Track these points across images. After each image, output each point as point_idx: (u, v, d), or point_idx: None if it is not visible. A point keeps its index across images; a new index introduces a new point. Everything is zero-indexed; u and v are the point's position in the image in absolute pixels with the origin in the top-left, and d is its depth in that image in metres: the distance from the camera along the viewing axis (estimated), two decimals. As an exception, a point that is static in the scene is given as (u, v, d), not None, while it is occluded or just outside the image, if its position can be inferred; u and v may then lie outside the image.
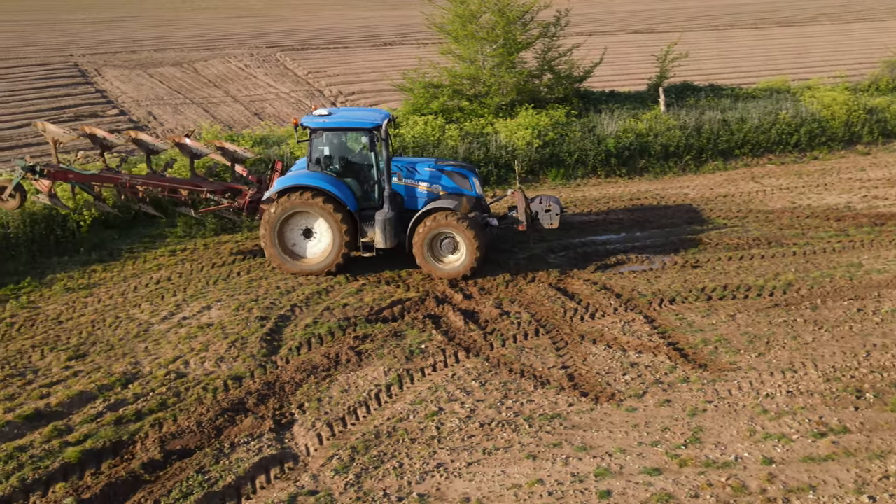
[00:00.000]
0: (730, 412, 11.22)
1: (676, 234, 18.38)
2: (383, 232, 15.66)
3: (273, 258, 15.78)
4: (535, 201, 16.75)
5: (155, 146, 17.44)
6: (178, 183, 17.26)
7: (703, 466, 10.05)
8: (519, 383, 12.09)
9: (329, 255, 15.73)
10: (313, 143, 15.84)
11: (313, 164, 15.93)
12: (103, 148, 17.40)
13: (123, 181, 17.02)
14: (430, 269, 15.76)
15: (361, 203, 16.06)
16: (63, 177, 16.86)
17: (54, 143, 17.14)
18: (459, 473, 10.01)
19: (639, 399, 11.62)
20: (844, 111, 25.55)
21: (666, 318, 14.24)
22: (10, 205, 16.85)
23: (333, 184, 15.62)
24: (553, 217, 16.62)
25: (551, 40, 25.31)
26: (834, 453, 10.27)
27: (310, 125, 15.75)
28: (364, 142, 16.16)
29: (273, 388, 11.96)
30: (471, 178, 16.46)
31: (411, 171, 16.36)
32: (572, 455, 10.31)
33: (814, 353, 12.88)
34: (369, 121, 15.98)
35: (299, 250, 16.05)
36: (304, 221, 15.87)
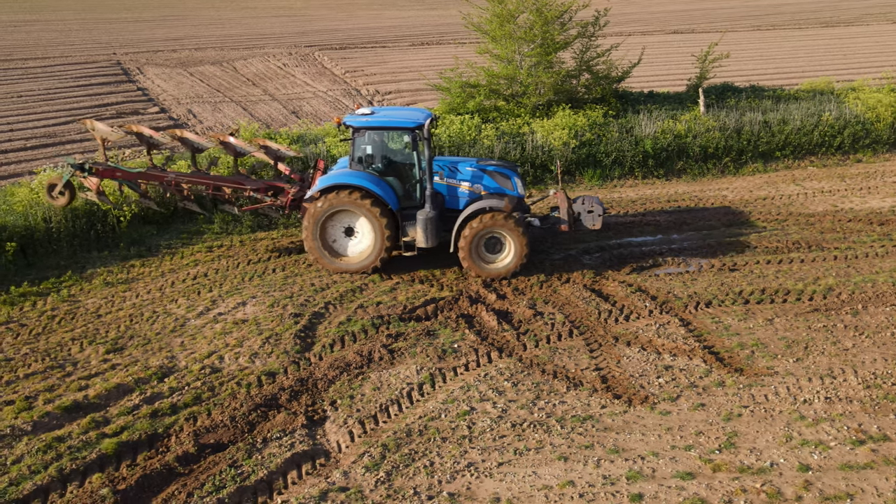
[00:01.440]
0: (766, 417, 11.06)
1: (714, 236, 18.16)
2: (425, 231, 15.64)
3: (314, 256, 15.84)
4: (577, 202, 16.68)
5: (200, 144, 17.55)
6: (222, 181, 17.38)
7: (738, 472, 9.91)
8: (551, 384, 12.02)
9: (370, 254, 15.78)
10: (356, 141, 15.86)
11: (356, 162, 15.93)
12: (149, 146, 17.55)
13: (169, 179, 17.20)
14: (476, 269, 15.72)
15: (403, 202, 16.07)
16: (111, 174, 17.07)
17: (102, 142, 17.31)
18: (490, 473, 9.97)
19: (673, 402, 11.50)
20: (890, 113, 25.07)
21: (701, 321, 14.08)
22: (59, 202, 17.10)
23: (376, 183, 15.65)
24: (595, 218, 16.54)
25: (589, 40, 25.10)
26: (873, 461, 10.07)
27: (353, 124, 15.79)
28: (406, 141, 16.15)
29: (306, 385, 12.02)
30: (513, 178, 16.41)
31: (453, 171, 16.33)
32: (604, 457, 10.23)
33: (854, 359, 12.65)
34: (412, 120, 15.98)
35: (341, 248, 16.09)
36: (346, 220, 15.90)
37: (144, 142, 17.49)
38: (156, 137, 17.33)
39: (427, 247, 15.81)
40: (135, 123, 18.83)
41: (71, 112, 32.97)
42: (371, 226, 15.64)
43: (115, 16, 77.35)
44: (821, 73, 35.50)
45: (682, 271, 16.37)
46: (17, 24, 68.11)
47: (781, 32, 60.09)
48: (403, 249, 15.97)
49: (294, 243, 17.78)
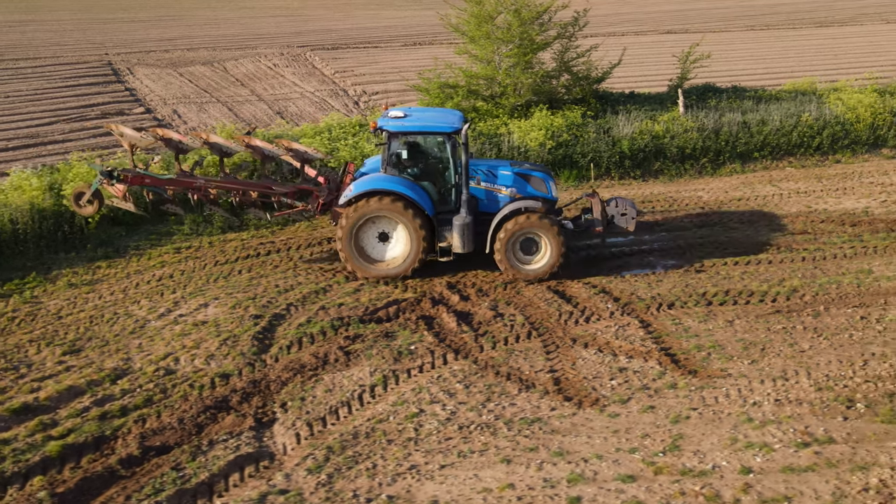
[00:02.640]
0: (714, 420, 11.05)
1: (685, 237, 18.14)
2: (462, 236, 15.56)
3: (349, 262, 15.69)
4: (610, 204, 16.66)
5: (228, 149, 17.36)
6: (251, 185, 17.27)
7: (679, 474, 9.90)
8: (504, 386, 12.01)
9: (405, 260, 15.72)
10: (390, 146, 15.71)
11: (390, 167, 15.86)
12: (178, 151, 17.33)
13: (198, 185, 17.00)
14: (513, 271, 15.70)
15: (438, 207, 15.98)
16: (140, 181, 16.85)
17: (131, 148, 17.12)
18: (432, 476, 9.97)
19: (623, 405, 11.49)
20: (870, 114, 24.99)
21: (662, 322, 14.06)
22: (87, 210, 17.00)
23: (412, 188, 15.60)
24: (629, 220, 16.54)
25: (569, 41, 25.08)
26: (815, 464, 10.05)
27: (389, 129, 15.61)
28: (442, 146, 16.06)
29: (259, 387, 12.02)
30: (547, 181, 16.39)
31: (487, 174, 16.22)
32: (547, 460, 10.22)
33: (809, 361, 12.63)
34: (449, 124, 15.89)
35: (375, 254, 15.96)
36: (380, 225, 15.75)
37: (172, 147, 17.21)
38: (185, 142, 17.13)
39: (463, 252, 15.72)
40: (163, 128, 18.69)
41: (56, 113, 32.99)
42: (407, 232, 15.52)
43: (110, 16, 77.38)
44: (810, 73, 35.36)
45: (649, 272, 16.36)
46: (12, 24, 68.20)
47: (775, 32, 59.98)
48: (439, 255, 15.84)
49: (264, 244, 17.78)
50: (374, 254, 15.94)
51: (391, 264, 15.87)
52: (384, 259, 15.96)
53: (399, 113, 16.14)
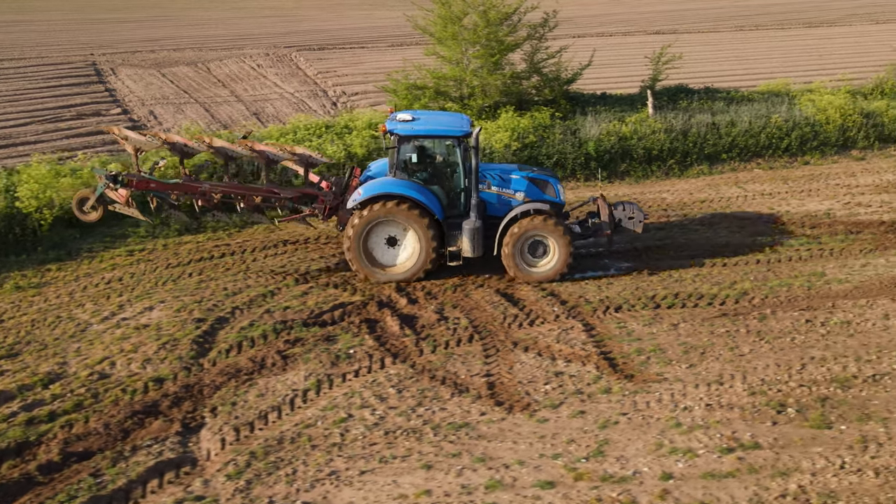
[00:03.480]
0: (642, 425, 10.99)
1: (642, 239, 18.06)
2: (471, 241, 15.51)
3: (357, 267, 15.62)
4: (618, 208, 16.64)
5: (233, 152, 17.22)
6: (255, 190, 17.17)
7: (599, 481, 9.84)
8: (437, 391, 11.96)
9: (414, 264, 15.67)
10: (400, 149, 15.64)
11: (399, 171, 15.78)
12: (183, 155, 17.20)
13: (203, 189, 16.89)
14: (521, 274, 15.66)
15: (447, 211, 15.91)
16: (145, 186, 16.74)
17: (135, 152, 17.00)
18: (350, 482, 9.92)
19: (553, 409, 11.43)
20: (839, 115, 24.91)
21: (607, 326, 14.00)
22: (91, 216, 16.90)
23: (421, 192, 15.49)
24: (637, 224, 16.52)
25: (539, 42, 25.02)
26: (737, 469, 10.00)
27: (399, 132, 15.54)
28: (451, 150, 15.99)
29: (191, 391, 11.96)
30: (555, 184, 16.36)
31: (495, 178, 16.17)
32: (469, 466, 10.16)
33: (747, 365, 12.57)
34: (459, 128, 15.86)
35: (383, 258, 15.84)
36: (389, 229, 15.66)
37: (177, 151, 17.07)
38: (190, 146, 17.03)
39: (473, 256, 15.65)
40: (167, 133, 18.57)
41: (33, 113, 32.95)
42: (416, 236, 15.45)
43: (101, 16, 77.29)
44: (793, 74, 35.26)
45: (600, 275, 16.28)
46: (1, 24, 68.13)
47: (764, 33, 59.89)
48: (448, 259, 15.78)
49: (219, 247, 17.72)
50: (382, 258, 15.86)
51: (400, 269, 15.79)
52: (393, 264, 15.88)
53: (407, 116, 16.10)
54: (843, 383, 11.96)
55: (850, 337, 13.47)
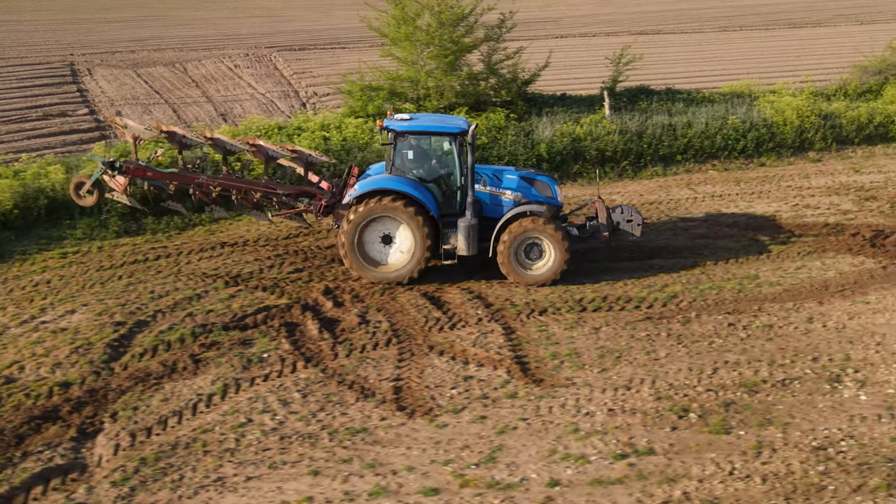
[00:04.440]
0: (540, 431, 10.91)
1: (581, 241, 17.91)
2: (467, 239, 15.44)
3: (351, 265, 15.53)
4: (616, 211, 16.56)
5: (233, 146, 17.24)
6: (253, 185, 17.14)
7: (485, 487, 9.75)
8: (342, 395, 11.87)
9: (409, 262, 15.53)
10: (397, 146, 15.70)
11: (395, 168, 15.74)
12: (181, 147, 17.21)
13: (200, 181, 16.90)
14: (516, 276, 15.54)
15: (443, 209, 15.77)
16: (142, 174, 16.78)
17: (134, 140, 17.05)
18: (235, 488, 9.83)
19: (455, 415, 11.35)
20: (796, 117, 24.81)
21: (527, 329, 13.92)
22: (87, 201, 16.96)
23: (417, 188, 15.42)
24: (635, 227, 16.44)
25: (496, 43, 24.94)
26: (626, 476, 9.91)
27: (395, 128, 15.51)
28: (448, 147, 15.95)
29: (95, 396, 11.88)
30: (553, 186, 16.30)
31: (493, 178, 16.13)
32: (357, 472, 10.08)
33: (660, 369, 12.48)
34: (455, 126, 15.83)
35: (378, 256, 15.74)
36: (384, 227, 15.56)
37: (176, 142, 17.11)
38: (189, 137, 17.03)
39: (468, 254, 15.57)
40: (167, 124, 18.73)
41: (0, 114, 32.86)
42: (411, 233, 15.34)
43: (89, 16, 77.24)
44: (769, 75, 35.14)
45: (534, 278, 16.16)
46: (-12, 24, 68.10)
47: (748, 33, 59.78)
48: (443, 257, 15.70)
49: (155, 249, 17.64)
50: (377, 257, 15.77)
51: (394, 267, 15.69)
52: (387, 262, 15.78)
53: (405, 116, 16.11)
54: (750, 388, 11.87)
55: (770, 341, 13.39)
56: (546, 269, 15.62)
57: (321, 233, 18.65)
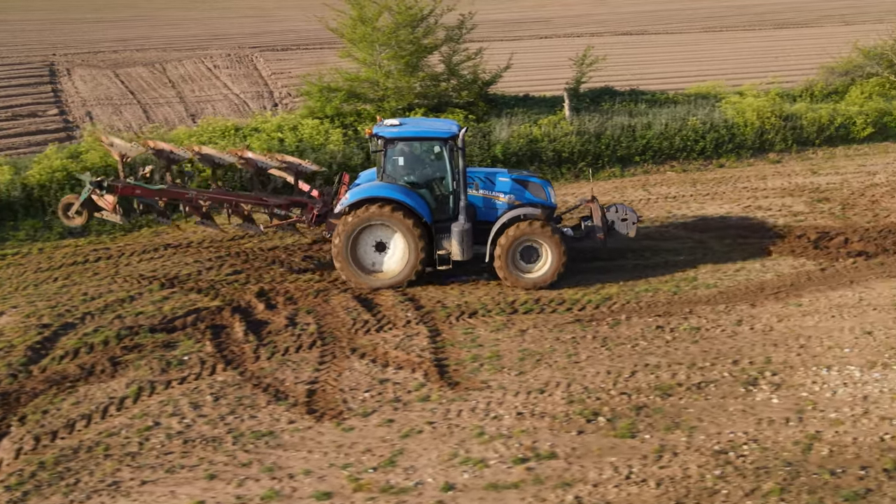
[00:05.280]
0: (445, 434, 10.87)
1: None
2: (461, 244, 15.34)
3: (345, 273, 15.46)
4: (610, 210, 16.48)
5: (221, 159, 17.19)
6: (244, 198, 17.11)
7: (378, 492, 9.71)
8: (255, 398, 11.84)
9: (403, 269, 15.42)
10: (387, 153, 15.63)
11: (386, 175, 15.66)
12: (169, 162, 17.12)
13: (190, 196, 16.84)
14: (513, 279, 15.42)
15: (436, 215, 15.69)
16: (130, 192, 16.71)
17: (121, 158, 16.97)
18: (128, 493, 9.80)
19: (364, 418, 11.31)
20: (756, 117, 24.75)
21: (454, 332, 13.88)
22: (76, 221, 16.88)
23: (408, 195, 15.33)
24: (630, 226, 16.36)
25: (456, 44, 24.91)
26: (522, 481, 9.87)
27: (385, 135, 15.44)
28: (438, 152, 15.87)
29: (7, 399, 11.85)
30: (546, 187, 16.25)
31: (486, 182, 16.03)
32: (254, 476, 10.04)
33: (578, 372, 12.44)
34: (445, 130, 15.76)
35: (371, 264, 15.64)
36: (377, 234, 15.48)
37: (163, 157, 17.02)
38: (176, 152, 16.97)
39: (462, 259, 15.49)
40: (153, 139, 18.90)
41: (-32, 114, 32.83)
42: (405, 240, 15.25)
43: (78, 16, 77.18)
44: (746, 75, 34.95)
45: (474, 279, 16.14)
46: (-26, 25, 68.08)
47: (734, 34, 59.68)
48: (438, 263, 15.61)
49: (97, 251, 17.61)
50: (370, 264, 15.68)
51: (388, 274, 15.59)
52: (381, 269, 15.69)
53: (394, 122, 16.08)
54: (665, 391, 11.83)
55: (694, 343, 13.34)
56: (543, 272, 15.53)
57: (266, 234, 18.57)
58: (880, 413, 11.17)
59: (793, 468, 10.01)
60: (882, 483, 9.70)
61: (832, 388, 11.86)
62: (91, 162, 19.58)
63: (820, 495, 9.50)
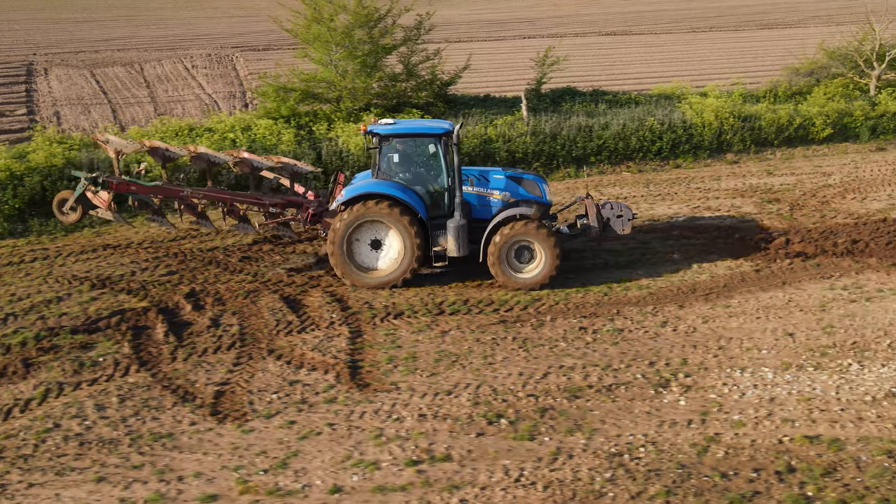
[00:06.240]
0: (343, 436, 10.80)
1: (467, 244, 17.78)
2: (456, 240, 15.29)
3: (341, 271, 15.41)
4: (605, 207, 16.44)
5: (217, 159, 17.24)
6: (238, 197, 17.10)
7: (265, 494, 9.65)
8: (162, 400, 11.77)
9: (399, 266, 15.38)
10: (382, 150, 15.63)
11: (382, 172, 15.64)
12: (164, 160, 17.22)
13: (184, 195, 16.89)
14: (506, 280, 15.33)
15: (431, 212, 15.64)
16: (125, 189, 16.79)
17: (116, 155, 17.01)
18: (13, 496, 9.73)
19: (266, 420, 11.24)
20: (715, 118, 24.67)
21: (376, 333, 13.82)
22: (70, 218, 16.93)
23: (404, 191, 15.32)
24: (625, 223, 16.33)
25: (414, 44, 24.88)
26: (411, 483, 9.80)
27: (380, 132, 15.46)
28: (433, 149, 15.85)
29: (-84, 401, 11.76)
30: (541, 184, 16.22)
31: (480, 179, 16.01)
32: (143, 479, 9.98)
33: (491, 374, 12.37)
34: (439, 127, 15.76)
35: (367, 262, 15.60)
36: (372, 232, 15.44)
37: (159, 156, 17.13)
38: (172, 150, 17.03)
39: (458, 256, 15.43)
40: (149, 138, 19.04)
41: (-63, 114, 32.81)
42: (400, 236, 15.21)
43: (66, 16, 77.18)
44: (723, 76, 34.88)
45: (405, 281, 16.05)
46: (-42, 24, 68.06)
47: (718, 34, 59.61)
48: (434, 260, 15.55)
49: (35, 251, 17.55)
50: (366, 262, 15.63)
51: (384, 272, 15.55)
52: (376, 267, 15.64)
53: (389, 120, 16.10)
54: (574, 393, 11.76)
55: (615, 345, 13.27)
56: (537, 273, 15.45)
57: (209, 234, 18.54)
58: (784, 415, 11.09)
59: (685, 470, 9.93)
60: (771, 486, 9.62)
61: (742, 389, 11.78)
62: (36, 162, 19.50)
63: (706, 498, 9.42)
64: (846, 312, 14.23)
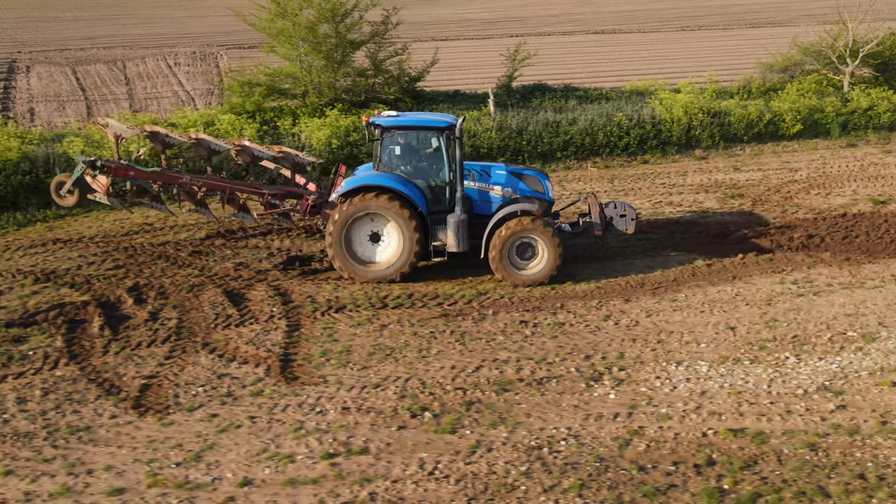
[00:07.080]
0: (263, 429, 10.65)
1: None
2: (456, 235, 15.12)
3: (339, 263, 15.26)
4: (609, 206, 16.31)
5: (217, 146, 17.12)
6: (238, 185, 16.98)
7: (173, 488, 9.48)
8: (85, 394, 11.62)
9: (398, 260, 15.21)
10: (384, 143, 15.48)
11: (383, 165, 15.49)
12: (164, 146, 17.09)
13: (184, 181, 16.74)
14: (508, 276, 15.15)
15: (432, 206, 15.48)
16: (124, 173, 16.63)
17: (116, 139, 16.88)
18: (-82, 488, 9.55)
19: (189, 413, 11.08)
20: (683, 114, 24.50)
21: (314, 327, 13.66)
22: (68, 201, 16.79)
23: (404, 184, 15.15)
24: (629, 222, 16.18)
25: (381, 39, 24.73)
26: (323, 476, 9.65)
27: (382, 124, 15.32)
28: (435, 143, 15.68)
29: None
30: (543, 181, 16.07)
31: (483, 174, 15.83)
32: (52, 472, 9.83)
33: (423, 367, 12.22)
34: (442, 121, 15.59)
35: (366, 255, 15.44)
36: (372, 225, 15.28)
37: (159, 141, 17.02)
38: (172, 136, 16.94)
39: (458, 251, 15.27)
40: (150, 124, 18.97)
41: (-87, 111, 32.69)
42: (399, 230, 15.03)
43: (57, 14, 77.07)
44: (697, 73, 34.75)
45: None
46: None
47: (707, 33, 59.45)
48: (433, 255, 15.39)
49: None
50: (365, 255, 15.46)
51: (383, 265, 15.37)
52: (375, 260, 15.47)
53: (392, 113, 15.93)
54: (503, 387, 11.60)
55: (553, 339, 13.11)
56: (538, 270, 15.27)
57: (163, 229, 18.40)
58: (712, 408, 10.93)
59: (603, 464, 9.77)
60: (689, 479, 9.46)
61: (674, 383, 11.62)
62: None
63: (619, 491, 9.25)
64: (792, 306, 14.06)
